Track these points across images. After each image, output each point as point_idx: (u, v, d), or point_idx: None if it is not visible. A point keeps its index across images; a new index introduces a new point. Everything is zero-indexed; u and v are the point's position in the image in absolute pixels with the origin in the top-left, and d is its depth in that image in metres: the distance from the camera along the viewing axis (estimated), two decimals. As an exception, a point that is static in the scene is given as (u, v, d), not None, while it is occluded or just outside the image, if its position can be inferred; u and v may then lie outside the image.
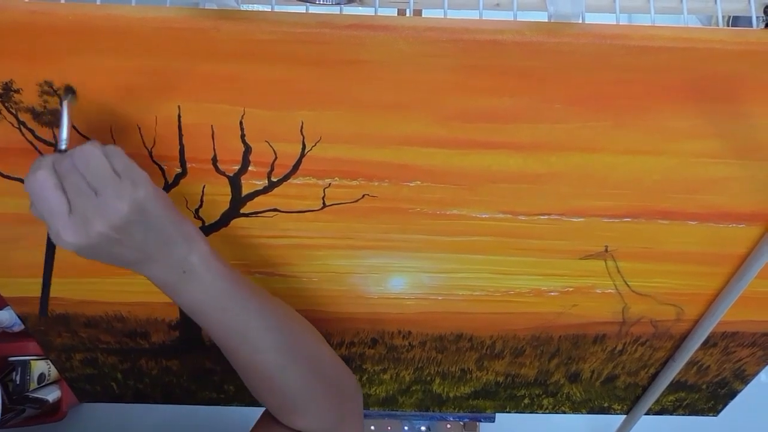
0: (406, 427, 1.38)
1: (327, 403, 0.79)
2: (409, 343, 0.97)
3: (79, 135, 0.67)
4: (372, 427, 1.38)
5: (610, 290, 0.86)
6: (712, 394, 1.11)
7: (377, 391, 1.09)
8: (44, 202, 0.57)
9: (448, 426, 1.39)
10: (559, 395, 1.10)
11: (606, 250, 0.81)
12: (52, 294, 0.86)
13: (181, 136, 0.68)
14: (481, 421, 1.34)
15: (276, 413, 0.79)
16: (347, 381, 0.84)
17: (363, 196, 0.74)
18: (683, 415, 1.17)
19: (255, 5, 0.63)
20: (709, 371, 1.05)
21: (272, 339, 0.73)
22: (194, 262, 0.66)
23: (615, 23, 0.60)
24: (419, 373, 1.04)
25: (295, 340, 0.76)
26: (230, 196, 0.74)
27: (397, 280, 0.86)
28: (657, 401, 1.10)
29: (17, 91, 0.63)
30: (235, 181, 0.73)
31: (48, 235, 0.60)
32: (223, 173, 0.72)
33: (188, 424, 1.64)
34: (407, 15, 0.64)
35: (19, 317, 0.90)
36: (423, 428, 1.39)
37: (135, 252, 0.62)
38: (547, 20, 0.60)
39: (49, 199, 0.57)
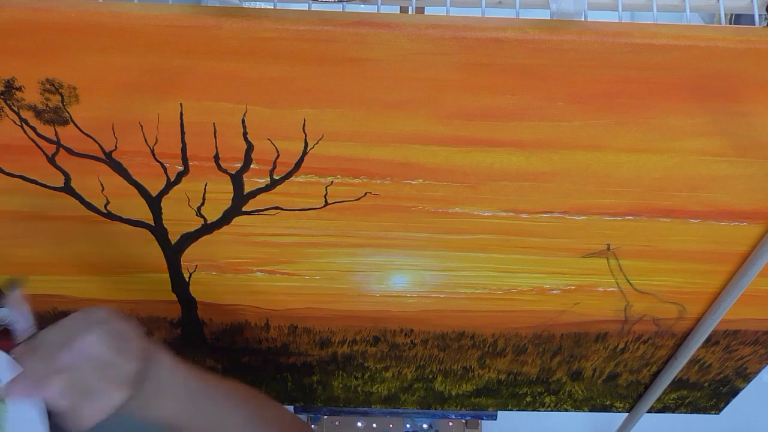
0: (408, 425, 1.38)
1: None
2: (411, 341, 0.97)
3: (84, 135, 0.67)
4: (374, 425, 1.38)
5: (612, 288, 0.86)
6: (713, 392, 1.11)
7: (379, 389, 1.09)
8: (63, 401, 0.58)
9: (450, 424, 1.39)
10: (561, 393, 1.10)
11: (608, 248, 0.81)
12: (53, 292, 0.87)
13: (183, 134, 0.68)
14: (483, 419, 1.34)
15: None
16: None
17: (365, 194, 0.74)
18: (685, 413, 1.17)
19: (257, 3, 0.63)
20: (710, 369, 1.05)
21: (241, 424, 0.75)
22: (163, 376, 0.66)
23: (617, 21, 0.60)
24: (421, 371, 1.04)
25: (263, 417, 0.79)
26: (232, 194, 0.74)
27: (399, 278, 0.86)
28: (659, 399, 1.10)
29: (19, 89, 0.63)
30: (237, 179, 0.73)
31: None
32: (225, 171, 0.72)
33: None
34: (410, 12, 0.64)
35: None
36: (425, 426, 1.39)
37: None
38: (549, 18, 0.60)
39: (69, 397, 0.57)
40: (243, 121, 0.66)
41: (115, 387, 0.59)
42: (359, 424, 1.38)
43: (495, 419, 1.24)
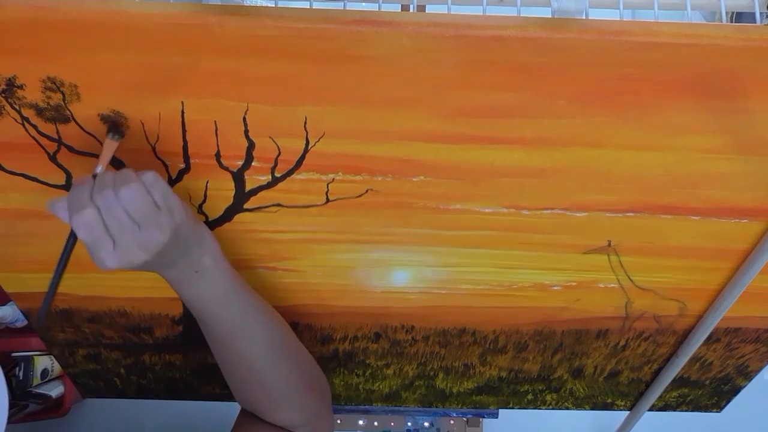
0: (409, 423, 1.38)
1: (308, 398, 0.86)
2: (413, 338, 0.97)
3: (86, 133, 0.67)
4: (375, 423, 1.38)
5: (613, 285, 0.86)
6: (715, 390, 1.11)
7: (380, 387, 1.09)
8: (90, 237, 0.61)
9: (452, 422, 1.39)
10: (562, 391, 1.10)
11: (609, 245, 0.81)
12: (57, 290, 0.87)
13: (184, 131, 0.68)
14: (484, 417, 1.34)
15: (260, 408, 0.84)
16: (322, 379, 0.91)
17: (366, 190, 0.74)
18: (686, 411, 1.17)
19: (259, 0, 0.63)
20: (712, 367, 1.05)
21: (266, 333, 0.79)
22: (206, 263, 0.70)
23: (618, 19, 0.60)
24: (422, 368, 1.04)
25: (284, 338, 0.82)
26: (234, 192, 0.74)
27: (400, 274, 0.86)
28: (660, 397, 1.10)
29: (21, 87, 0.63)
30: (238, 177, 0.73)
31: (66, 246, 0.65)
32: (226, 169, 0.72)
33: (191, 420, 1.64)
34: (411, 10, 0.64)
35: (22, 313, 0.90)
36: (426, 424, 1.39)
37: (161, 262, 0.66)
38: (550, 16, 0.60)
39: (95, 236, 0.61)
40: (244, 119, 0.67)
41: (137, 247, 0.62)
42: (360, 422, 1.38)
43: (496, 417, 1.24)
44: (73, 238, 0.65)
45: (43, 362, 1.59)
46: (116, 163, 0.70)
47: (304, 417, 0.85)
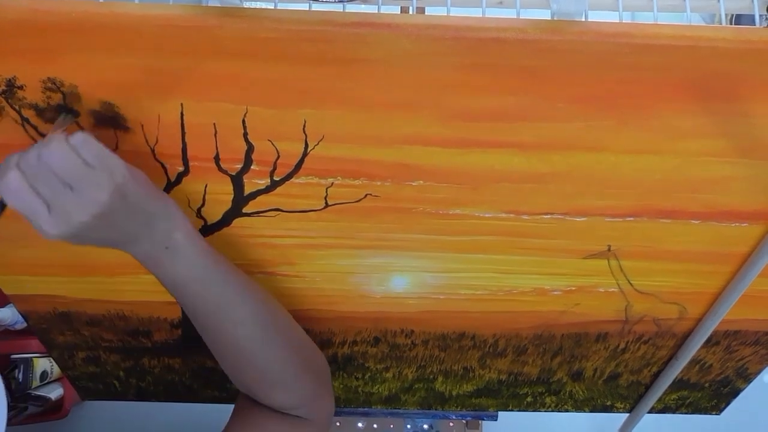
0: (408, 426, 1.38)
1: (304, 377, 0.82)
2: (412, 342, 0.97)
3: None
4: (375, 426, 1.38)
5: (612, 289, 0.86)
6: (714, 393, 1.11)
7: (380, 390, 1.09)
8: (20, 204, 0.58)
9: (451, 424, 1.39)
10: (561, 393, 1.10)
11: (609, 249, 0.81)
12: (52, 292, 0.87)
13: (183, 134, 0.68)
14: (483, 420, 1.33)
15: (255, 391, 0.81)
16: (319, 358, 0.87)
17: (365, 195, 0.74)
18: (686, 413, 1.17)
19: (258, 3, 0.63)
20: (711, 370, 1.04)
21: (253, 313, 0.76)
22: (177, 238, 0.68)
23: (618, 21, 0.60)
24: (422, 371, 1.04)
25: (274, 315, 0.79)
26: (232, 195, 0.74)
27: (399, 279, 0.85)
28: (660, 399, 1.10)
29: (21, 88, 0.63)
30: (237, 180, 0.73)
31: None
32: (225, 172, 0.72)
33: (190, 423, 1.64)
34: (410, 13, 0.64)
35: (21, 315, 0.90)
36: (425, 426, 1.39)
37: (119, 233, 0.64)
38: (550, 18, 0.60)
39: (24, 201, 0.58)
40: (243, 122, 0.66)
41: (72, 207, 0.59)
42: (360, 424, 1.38)
43: (496, 420, 1.23)
44: (1, 205, 0.62)
45: (43, 364, 1.59)
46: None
47: (301, 398, 0.83)
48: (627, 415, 1.20)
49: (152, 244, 0.67)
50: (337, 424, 1.37)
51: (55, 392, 1.58)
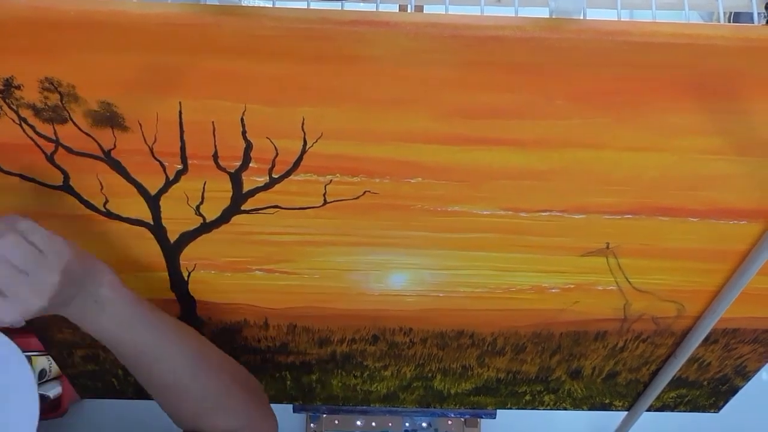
0: (407, 424, 1.38)
1: (240, 401, 0.85)
2: (410, 340, 0.97)
3: (83, 134, 0.67)
4: (373, 424, 1.38)
5: (611, 287, 0.86)
6: (713, 391, 1.11)
7: (378, 388, 1.09)
8: None
9: (449, 422, 1.39)
10: (560, 392, 1.10)
11: (607, 247, 0.81)
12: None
13: (182, 132, 0.68)
14: (482, 418, 1.34)
15: (198, 423, 0.83)
16: (253, 380, 0.90)
17: (364, 192, 0.74)
18: (684, 411, 1.17)
19: (257, 1, 0.63)
20: (710, 368, 1.05)
21: (179, 351, 0.78)
22: (105, 293, 0.70)
23: (616, 19, 0.60)
24: (420, 369, 1.04)
25: (202, 349, 0.82)
26: (231, 193, 0.74)
27: (398, 277, 0.86)
28: (658, 398, 1.10)
29: (18, 87, 0.63)
30: (236, 178, 0.72)
31: None
32: (224, 170, 0.72)
33: (189, 421, 1.64)
34: (409, 11, 0.64)
35: (20, 314, 0.90)
36: (424, 425, 1.39)
37: (57, 304, 0.65)
38: (548, 16, 0.60)
39: None
40: (242, 120, 0.66)
41: (32, 294, 0.61)
42: (358, 422, 1.38)
43: (494, 418, 1.24)
44: None
45: (41, 363, 1.59)
46: (112, 162, 0.70)
47: (242, 419, 0.85)
48: (625, 413, 1.20)
49: (83, 302, 0.69)
50: (336, 422, 1.37)
51: (53, 390, 1.58)
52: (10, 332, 1.51)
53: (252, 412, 0.86)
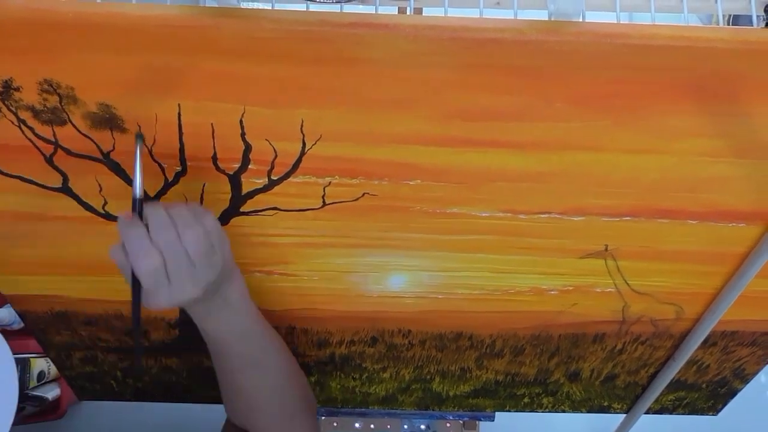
0: (405, 426, 1.38)
1: (307, 418, 0.89)
2: (409, 342, 0.97)
3: (82, 135, 0.67)
4: (372, 426, 1.38)
5: (610, 289, 0.86)
6: (711, 394, 1.11)
7: (377, 390, 1.09)
8: (152, 283, 0.62)
9: (448, 425, 1.39)
10: (558, 394, 1.10)
11: (606, 249, 0.81)
12: (50, 292, 0.86)
13: (181, 134, 0.68)
14: (480, 420, 1.33)
15: (264, 428, 0.85)
16: (314, 399, 0.95)
17: (363, 194, 0.74)
18: (683, 414, 1.17)
19: (255, 3, 0.63)
20: (708, 370, 1.05)
21: (278, 366, 0.82)
22: (234, 298, 0.73)
23: (615, 22, 0.60)
24: (419, 371, 1.04)
25: (291, 366, 0.86)
26: (230, 195, 0.74)
27: (396, 278, 0.86)
28: (657, 400, 1.10)
29: (17, 89, 0.63)
30: (235, 180, 0.73)
31: (134, 294, 0.64)
32: (223, 171, 0.72)
33: (187, 422, 1.64)
34: (408, 13, 0.64)
35: (18, 315, 0.90)
36: (422, 427, 1.39)
37: (198, 300, 0.67)
38: (547, 19, 0.60)
39: (155, 277, 0.62)
40: (241, 122, 0.66)
41: (190, 283, 0.64)
42: (357, 425, 1.38)
43: (492, 420, 1.23)
44: (137, 283, 0.64)
45: (40, 365, 1.59)
46: (111, 164, 0.70)
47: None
48: (624, 415, 1.20)
49: (214, 302, 0.71)
50: (335, 424, 1.37)
51: (52, 392, 1.58)
52: (8, 334, 1.51)
53: (309, 427, 0.89)
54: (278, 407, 0.84)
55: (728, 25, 0.60)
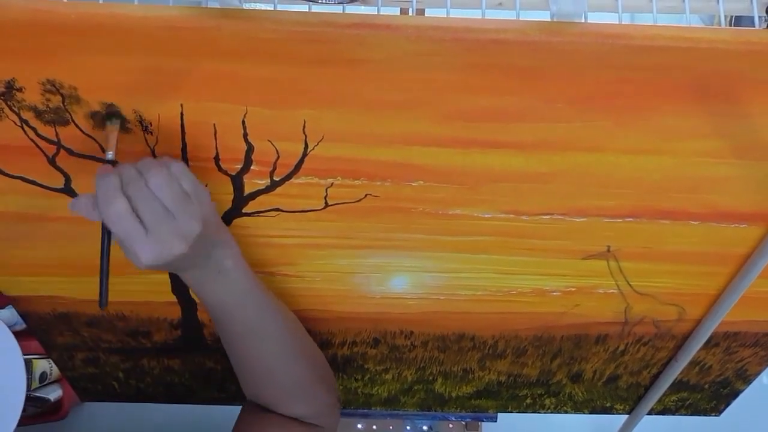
0: (408, 427, 1.38)
1: (319, 391, 0.87)
2: (411, 343, 0.97)
3: (85, 135, 0.67)
4: (374, 427, 1.38)
5: (612, 290, 0.86)
6: (714, 394, 1.11)
7: (379, 391, 1.09)
8: (122, 230, 0.59)
9: (450, 426, 1.39)
10: (561, 395, 1.10)
11: (608, 250, 0.81)
12: (53, 293, 0.86)
13: (183, 134, 0.68)
14: (483, 421, 1.34)
15: (271, 403, 0.85)
16: (330, 372, 0.93)
17: (365, 195, 0.74)
18: (685, 415, 1.17)
19: (258, 4, 0.63)
20: (711, 371, 1.04)
21: (280, 333, 0.80)
22: (228, 264, 0.71)
23: (617, 23, 0.60)
24: (421, 372, 1.04)
25: (297, 334, 0.84)
26: (232, 196, 0.74)
27: (399, 279, 0.86)
28: (659, 401, 1.10)
29: (19, 90, 0.63)
30: (237, 181, 0.73)
31: (103, 243, 0.64)
32: (225, 172, 0.72)
33: (190, 423, 1.64)
34: (410, 14, 0.64)
35: (20, 316, 0.90)
36: (425, 428, 1.39)
37: (190, 255, 0.64)
38: (549, 19, 0.60)
39: (127, 228, 0.59)
40: (243, 122, 0.66)
41: (173, 236, 0.61)
42: (359, 425, 1.38)
43: (495, 421, 1.23)
44: (107, 233, 0.63)
45: (42, 365, 1.59)
46: (113, 165, 0.70)
47: (316, 409, 0.87)
48: (626, 416, 1.20)
49: (207, 269, 0.70)
50: (337, 425, 1.37)
51: (54, 393, 1.58)
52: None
53: (325, 403, 0.89)
54: (285, 376, 0.83)
55: (730, 26, 0.60)
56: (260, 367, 0.82)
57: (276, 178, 0.72)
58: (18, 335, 1.54)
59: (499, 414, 1.19)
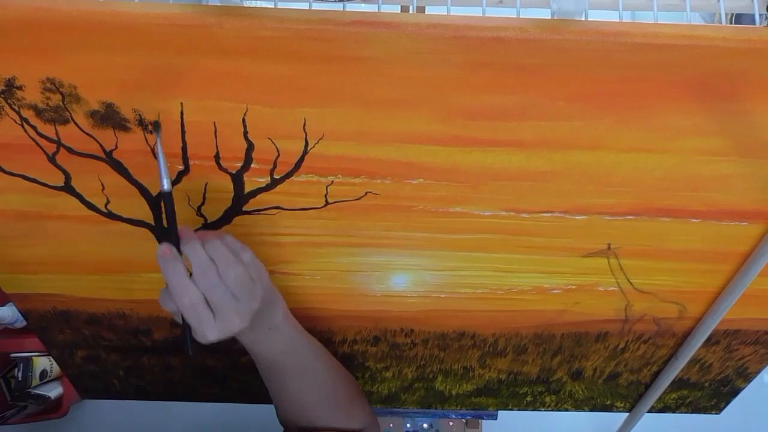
0: (408, 425, 1.38)
1: (360, 407, 0.92)
2: (412, 341, 0.97)
3: (85, 134, 0.67)
4: (374, 425, 1.38)
5: (612, 288, 0.86)
6: (714, 392, 1.11)
7: (379, 389, 1.09)
8: (194, 317, 0.65)
9: (451, 423, 1.39)
10: (561, 393, 1.10)
11: (609, 248, 0.81)
12: (52, 291, 0.87)
13: (183, 133, 0.68)
14: (483, 419, 1.34)
15: (326, 417, 0.88)
16: (359, 387, 0.96)
17: (366, 193, 0.74)
18: (686, 413, 1.17)
19: (258, 2, 0.63)
20: (711, 369, 1.04)
21: (321, 376, 0.85)
22: (278, 320, 0.77)
23: (618, 20, 0.60)
24: (421, 370, 1.04)
25: (332, 360, 0.89)
26: (233, 194, 0.74)
27: (399, 277, 0.85)
28: (659, 399, 1.10)
29: (20, 88, 0.63)
30: (237, 179, 0.73)
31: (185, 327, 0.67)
32: (225, 170, 0.72)
33: (190, 421, 1.64)
34: (410, 12, 0.64)
35: (21, 313, 0.90)
36: (425, 426, 1.39)
37: (245, 330, 0.69)
38: (550, 17, 0.60)
39: (200, 315, 0.65)
40: (243, 121, 0.66)
41: (236, 317, 0.66)
42: (359, 423, 1.38)
43: (495, 419, 1.24)
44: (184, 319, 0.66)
45: (42, 363, 1.59)
46: (113, 163, 0.70)
47: (360, 424, 0.90)
48: (627, 414, 1.20)
49: (260, 329, 0.74)
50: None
51: (54, 391, 1.58)
52: (11, 333, 1.51)
53: (366, 418, 0.92)
54: (336, 397, 0.87)
55: (731, 23, 0.60)
56: (312, 398, 0.85)
57: (276, 176, 0.72)
58: (18, 333, 1.55)
59: (499, 412, 1.19)
